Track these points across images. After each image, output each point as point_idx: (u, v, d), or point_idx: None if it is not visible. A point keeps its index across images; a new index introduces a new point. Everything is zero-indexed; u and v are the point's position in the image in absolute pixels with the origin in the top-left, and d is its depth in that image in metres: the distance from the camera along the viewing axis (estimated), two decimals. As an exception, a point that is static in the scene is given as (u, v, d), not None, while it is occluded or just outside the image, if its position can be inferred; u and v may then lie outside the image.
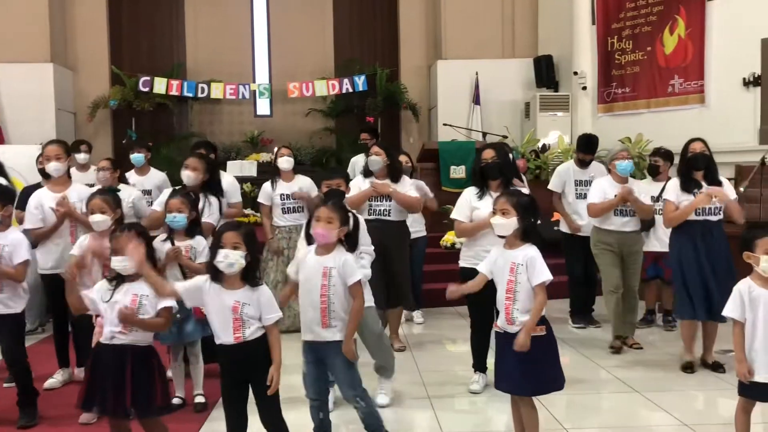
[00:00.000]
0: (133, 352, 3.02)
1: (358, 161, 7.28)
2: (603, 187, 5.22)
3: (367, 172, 5.19)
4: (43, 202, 4.44)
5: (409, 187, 5.09)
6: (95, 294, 3.10)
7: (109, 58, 11.92)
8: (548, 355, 3.27)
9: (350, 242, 3.34)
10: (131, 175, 5.81)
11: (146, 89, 11.30)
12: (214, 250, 2.96)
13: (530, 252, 3.23)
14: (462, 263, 4.41)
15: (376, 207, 5.10)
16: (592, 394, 4.50)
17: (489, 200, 4.14)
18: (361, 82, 11.50)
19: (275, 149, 6.23)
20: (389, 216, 5.03)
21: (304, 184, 5.82)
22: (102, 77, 11.81)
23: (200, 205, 4.55)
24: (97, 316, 3.54)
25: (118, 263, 3.03)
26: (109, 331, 3.04)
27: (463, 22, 11.43)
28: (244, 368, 3.00)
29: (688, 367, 4.75)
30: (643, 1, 9.55)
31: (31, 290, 4.21)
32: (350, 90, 11.59)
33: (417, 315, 6.53)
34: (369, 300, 3.97)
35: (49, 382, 4.50)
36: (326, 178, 4.15)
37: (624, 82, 9.85)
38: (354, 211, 3.80)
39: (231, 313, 2.93)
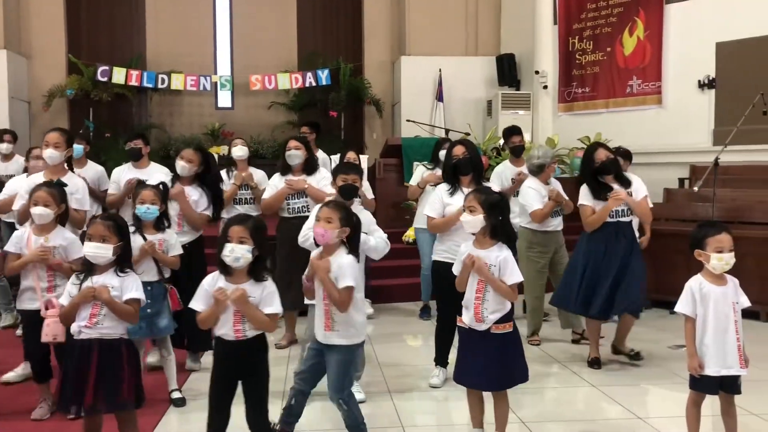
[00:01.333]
0: (100, 346, 2.96)
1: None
2: (539, 191, 5.28)
3: (284, 169, 5.16)
4: (24, 188, 4.24)
5: (326, 182, 5.02)
6: (65, 297, 3.04)
7: (66, 47, 11.65)
8: (516, 350, 3.35)
9: (352, 244, 3.24)
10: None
11: (104, 79, 11.07)
12: (221, 243, 2.91)
13: (503, 253, 3.27)
14: (434, 257, 4.45)
15: (294, 205, 5.10)
16: (548, 387, 4.58)
17: (460, 196, 4.18)
18: (324, 76, 11.45)
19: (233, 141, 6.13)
20: (308, 212, 4.97)
21: (256, 175, 5.73)
22: (58, 66, 11.54)
23: (196, 197, 4.58)
24: (46, 307, 3.46)
25: (91, 249, 2.96)
26: (76, 326, 2.97)
27: (427, 18, 11.48)
28: (239, 366, 2.97)
29: (594, 363, 4.86)
30: (604, 2, 9.72)
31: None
32: (313, 84, 11.53)
33: (366, 305, 6.51)
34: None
35: (8, 376, 4.38)
36: (342, 172, 4.05)
37: (584, 81, 10.01)
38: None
39: (232, 305, 2.89)
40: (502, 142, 9.29)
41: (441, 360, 4.52)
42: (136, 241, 3.84)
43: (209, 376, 3.08)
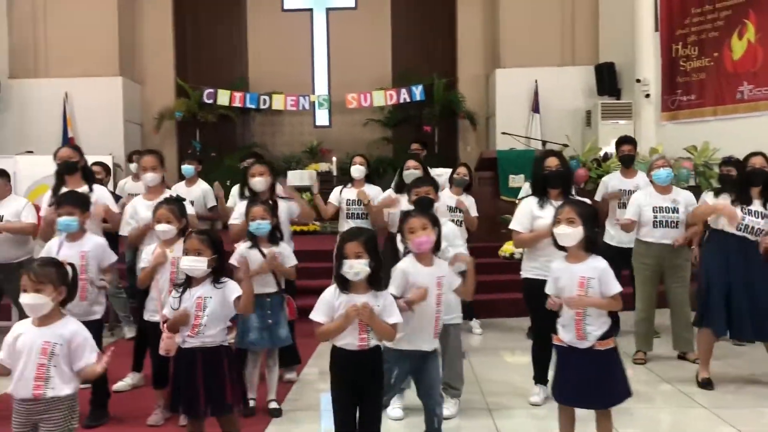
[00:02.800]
0: (203, 354, 3.11)
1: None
2: (638, 202, 5.12)
3: (401, 187, 5.23)
4: (138, 209, 4.57)
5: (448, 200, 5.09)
6: (167, 309, 3.22)
7: (175, 72, 12.30)
8: (618, 366, 3.26)
9: (435, 247, 3.31)
10: (180, 186, 6.00)
11: (210, 101, 11.61)
12: (339, 260, 2.99)
13: (601, 264, 3.20)
14: (525, 274, 4.35)
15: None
16: (656, 408, 4.38)
17: (551, 209, 4.09)
18: (418, 91, 11.54)
19: (333, 158, 6.30)
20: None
21: (371, 192, 5.86)
22: (168, 90, 12.20)
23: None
24: (164, 322, 3.67)
25: (188, 263, 3.11)
26: (181, 336, 3.15)
27: (521, 30, 11.35)
28: (359, 374, 3.02)
29: (706, 384, 4.62)
30: (710, 6, 9.29)
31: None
32: (407, 100, 11.63)
33: (475, 325, 6.49)
34: (458, 317, 4.01)
35: (118, 385, 4.65)
36: (415, 186, 4.11)
37: (689, 89, 9.58)
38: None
39: (361, 318, 2.95)
40: (603, 153, 9.09)
41: (540, 378, 4.42)
42: (253, 255, 4.00)
43: (309, 387, 3.16)
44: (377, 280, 3.03)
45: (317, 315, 3.02)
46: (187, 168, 6.04)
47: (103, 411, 4.08)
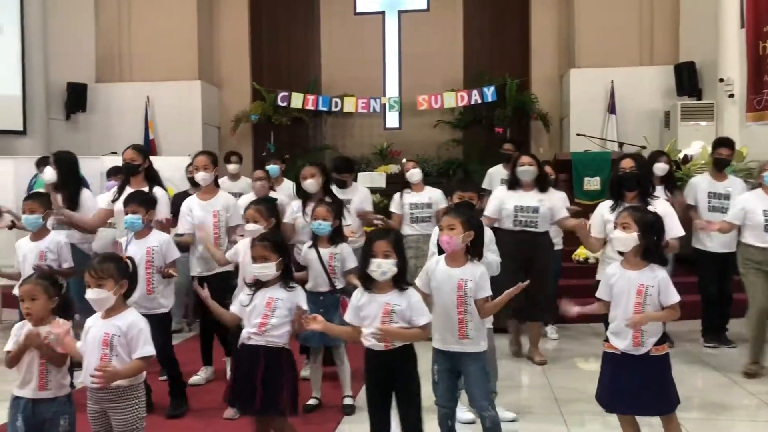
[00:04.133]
0: (266, 353, 3.18)
1: (495, 173, 7.20)
2: (745, 205, 4.91)
3: (513, 183, 5.19)
4: (193, 208, 4.76)
5: (558, 200, 5.04)
6: (236, 306, 3.31)
7: (251, 75, 12.61)
8: (670, 371, 3.21)
9: (475, 250, 3.28)
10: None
11: (284, 104, 11.84)
12: (366, 258, 3.03)
13: (661, 273, 3.14)
14: (600, 277, 4.25)
15: (522, 217, 5.09)
16: (737, 420, 4.20)
17: None
18: (490, 93, 11.43)
19: (402, 161, 6.36)
20: (536, 227, 5.01)
21: (433, 195, 5.89)
22: (244, 93, 12.52)
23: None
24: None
25: (257, 270, 3.19)
26: (246, 332, 3.22)
27: (597, 30, 11.09)
28: (391, 375, 3.05)
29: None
30: (801, 0, 8.83)
31: (178, 292, 4.52)
32: (479, 101, 11.54)
33: (551, 330, 6.39)
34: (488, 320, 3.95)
35: (194, 379, 4.82)
36: (460, 189, 4.13)
37: (777, 88, 9.13)
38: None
39: (382, 315, 3.00)
40: (682, 155, 8.78)
41: (616, 385, 4.30)
42: (310, 255, 4.08)
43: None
44: (402, 280, 3.05)
45: (347, 316, 3.13)
46: (273, 168, 6.18)
47: (182, 400, 4.23)
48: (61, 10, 11.51)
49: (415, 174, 5.91)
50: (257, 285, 3.28)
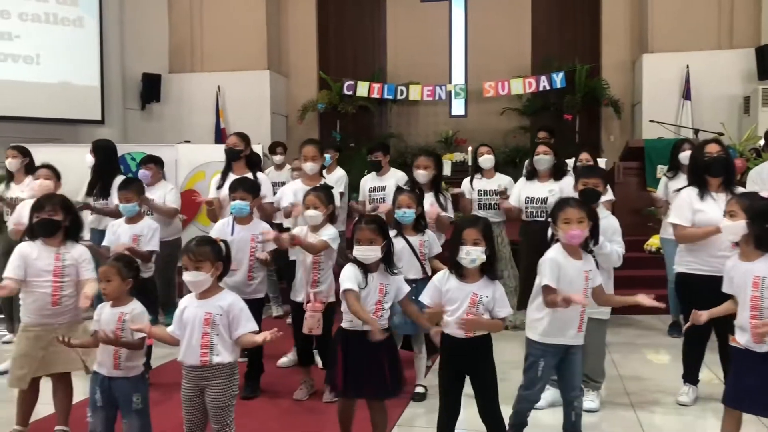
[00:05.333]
0: (366, 338, 3.15)
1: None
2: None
3: (531, 174, 5.11)
4: (297, 192, 4.78)
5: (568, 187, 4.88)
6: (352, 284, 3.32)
7: (318, 65, 12.75)
8: None
9: (595, 238, 3.28)
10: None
11: (350, 93, 11.93)
12: (455, 246, 3.03)
13: None
14: (679, 268, 4.12)
15: (531, 209, 5.05)
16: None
17: (711, 202, 3.86)
18: (559, 79, 11.20)
19: (469, 148, 6.31)
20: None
21: (503, 182, 5.83)
22: (310, 82, 12.68)
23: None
24: (308, 302, 3.87)
25: (362, 252, 3.19)
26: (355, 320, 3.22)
27: (672, 12, 10.70)
28: (469, 362, 3.06)
29: None
30: None
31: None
32: (547, 88, 11.33)
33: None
34: (606, 312, 3.89)
35: (281, 361, 4.96)
36: (584, 176, 3.97)
37: None
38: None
39: (468, 305, 2.99)
40: (763, 141, 8.39)
41: (690, 377, 4.19)
42: (398, 243, 4.10)
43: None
44: (491, 269, 3.03)
45: (424, 297, 3.12)
46: (326, 156, 6.23)
47: (256, 384, 4.34)
48: (136, 3, 11.92)
49: (487, 160, 5.86)
50: (361, 268, 3.23)
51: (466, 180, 6.04)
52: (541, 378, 3.26)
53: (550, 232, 3.31)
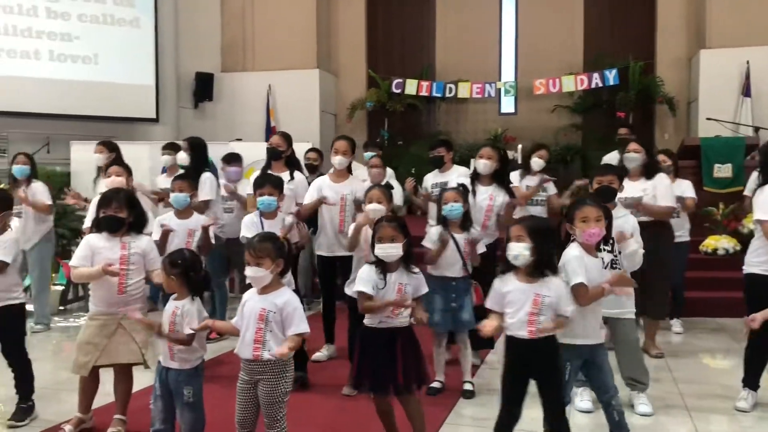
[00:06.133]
0: (401, 333, 3.22)
1: (609, 160, 6.92)
2: None
3: (624, 170, 4.98)
4: (323, 188, 4.82)
5: (664, 187, 4.77)
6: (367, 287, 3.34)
7: (366, 63, 12.80)
8: None
9: (608, 237, 3.23)
10: (362, 172, 6.22)
11: (398, 91, 11.94)
12: (507, 244, 3.01)
13: None
14: (750, 269, 4.00)
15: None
16: None
17: None
18: (612, 76, 10.99)
19: (519, 146, 6.23)
20: (640, 217, 4.77)
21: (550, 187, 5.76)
22: (359, 81, 12.74)
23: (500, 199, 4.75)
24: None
25: (383, 249, 3.23)
26: (377, 318, 3.26)
27: (731, 6, 10.39)
28: (532, 365, 3.01)
29: None
30: None
31: (305, 271, 4.63)
32: (600, 85, 11.13)
33: (676, 324, 6.09)
34: (631, 312, 3.82)
35: (316, 356, 4.99)
36: (598, 174, 3.94)
37: None
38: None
39: (531, 305, 2.94)
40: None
41: (751, 382, 4.06)
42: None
43: (495, 372, 3.16)
44: (548, 267, 2.98)
45: (490, 303, 3.07)
46: (368, 155, 6.26)
47: (304, 377, 4.39)
48: (190, 4, 12.17)
49: (536, 164, 5.79)
50: (380, 267, 3.28)
51: (514, 175, 5.92)
52: (569, 381, 3.21)
53: (564, 231, 3.27)
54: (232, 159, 5.87)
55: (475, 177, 4.84)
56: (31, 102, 10.05)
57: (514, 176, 5.93)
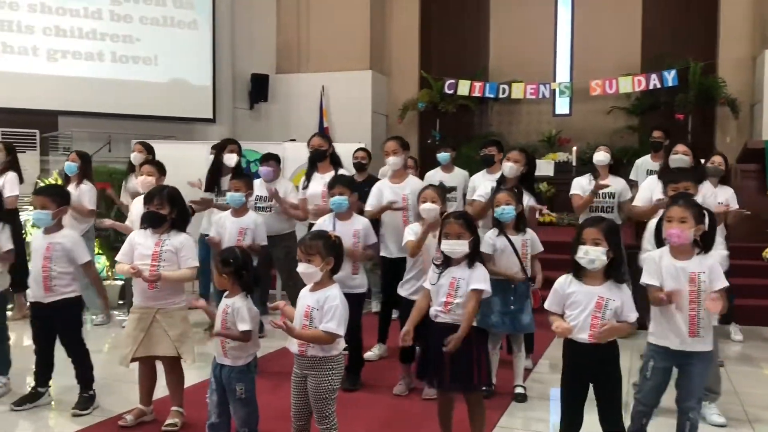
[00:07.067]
0: (453, 330, 3.19)
1: (641, 164, 6.71)
2: None
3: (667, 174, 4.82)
4: (384, 190, 4.84)
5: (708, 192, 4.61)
6: (427, 283, 3.37)
7: (419, 64, 12.79)
8: None
9: (707, 242, 3.09)
10: (436, 173, 6.19)
11: (451, 91, 11.89)
12: (575, 245, 2.95)
13: None
14: None
15: None
16: None
17: None
18: (671, 77, 10.72)
19: (573, 148, 6.09)
20: None
21: (618, 185, 5.61)
22: (412, 81, 12.73)
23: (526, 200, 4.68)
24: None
25: (449, 246, 3.23)
26: (433, 309, 3.28)
27: (799, 4, 10.01)
28: (592, 369, 2.97)
29: None
30: None
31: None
32: (658, 86, 10.88)
33: (734, 331, 5.90)
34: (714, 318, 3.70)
35: (367, 355, 4.99)
36: (672, 180, 3.82)
37: None
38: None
39: (594, 309, 2.90)
40: None
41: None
42: (500, 243, 4.08)
43: (547, 377, 3.12)
44: (616, 273, 2.91)
45: (550, 304, 3.04)
46: (443, 155, 6.18)
47: (357, 377, 4.42)
48: (246, 6, 12.38)
49: (597, 156, 5.65)
50: (443, 264, 3.30)
51: (583, 179, 5.80)
52: (650, 379, 3.13)
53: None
54: (266, 158, 5.93)
55: (501, 180, 4.79)
56: (94, 102, 10.38)
57: (580, 181, 5.75)
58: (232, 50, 12.13)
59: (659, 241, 3.20)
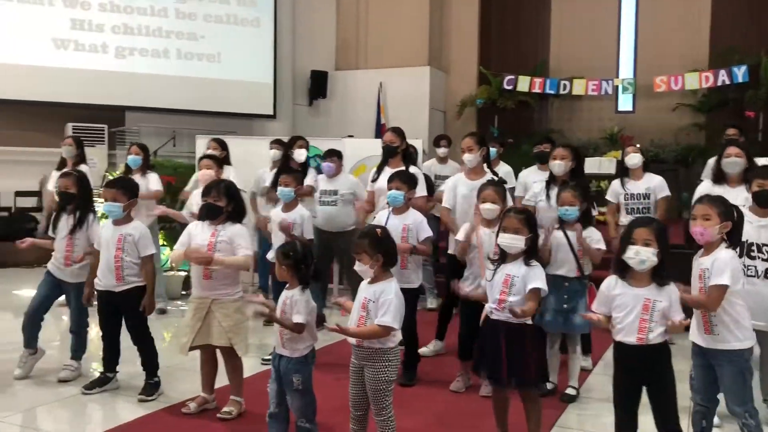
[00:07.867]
0: (507, 328, 3.21)
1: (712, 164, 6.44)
2: None
3: (718, 177, 4.65)
4: (458, 186, 4.80)
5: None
6: (483, 280, 3.39)
7: (478, 59, 12.69)
8: None
9: (733, 240, 3.03)
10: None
11: (510, 87, 11.76)
12: (624, 245, 2.91)
13: None
14: None
15: None
16: None
17: None
18: (741, 73, 10.32)
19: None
20: None
21: (652, 184, 5.42)
22: (470, 77, 12.64)
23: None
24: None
25: (506, 240, 3.24)
26: (488, 306, 3.28)
27: None
28: (642, 371, 2.92)
29: None
30: None
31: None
32: (727, 82, 10.49)
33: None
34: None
35: (422, 350, 5.00)
36: (759, 176, 3.64)
37: None
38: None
39: (641, 311, 2.86)
40: None
41: None
42: (557, 237, 4.06)
43: (606, 378, 3.07)
44: (661, 274, 2.86)
45: (597, 305, 3.02)
46: (491, 151, 6.16)
47: (413, 372, 4.44)
48: (307, 5, 12.53)
49: (631, 158, 5.39)
50: (499, 260, 3.31)
51: (616, 182, 5.56)
52: (695, 379, 3.11)
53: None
54: (328, 154, 6.01)
55: (552, 179, 4.71)
56: (159, 98, 10.71)
57: (615, 185, 5.56)
58: (293, 47, 12.31)
59: (689, 241, 3.12)
